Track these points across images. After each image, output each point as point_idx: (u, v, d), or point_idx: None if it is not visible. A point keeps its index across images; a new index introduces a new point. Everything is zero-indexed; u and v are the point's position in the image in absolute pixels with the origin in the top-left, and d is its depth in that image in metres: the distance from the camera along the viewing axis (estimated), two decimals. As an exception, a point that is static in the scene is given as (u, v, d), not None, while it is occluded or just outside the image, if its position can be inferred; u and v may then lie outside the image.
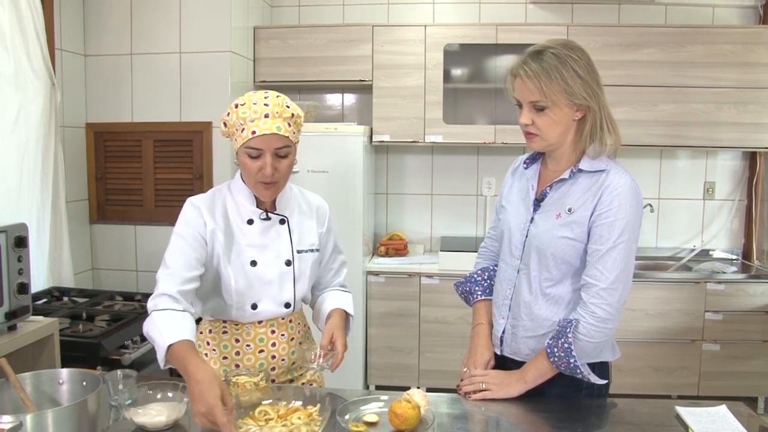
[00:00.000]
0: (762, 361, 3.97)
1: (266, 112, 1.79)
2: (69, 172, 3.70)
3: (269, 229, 1.95)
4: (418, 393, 1.68)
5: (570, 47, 1.77)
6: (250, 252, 1.92)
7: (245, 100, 1.82)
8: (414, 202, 4.68)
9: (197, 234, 1.87)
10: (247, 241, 1.92)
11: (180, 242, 1.86)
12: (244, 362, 1.96)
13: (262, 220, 1.93)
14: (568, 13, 4.43)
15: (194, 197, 1.94)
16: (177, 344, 1.64)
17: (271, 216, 1.95)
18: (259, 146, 1.79)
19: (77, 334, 2.76)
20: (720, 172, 4.52)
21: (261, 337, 1.96)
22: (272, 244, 1.94)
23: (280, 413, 1.63)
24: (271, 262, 1.94)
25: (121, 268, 4.02)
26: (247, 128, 1.78)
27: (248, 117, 1.79)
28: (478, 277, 2.12)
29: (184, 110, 3.86)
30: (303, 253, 1.99)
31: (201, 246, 1.87)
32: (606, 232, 1.74)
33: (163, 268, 1.83)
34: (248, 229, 1.93)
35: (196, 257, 1.85)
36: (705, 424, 1.66)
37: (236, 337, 1.96)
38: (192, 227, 1.88)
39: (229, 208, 1.94)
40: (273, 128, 1.78)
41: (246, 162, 1.82)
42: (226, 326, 1.97)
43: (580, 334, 1.74)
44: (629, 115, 4.03)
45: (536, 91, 1.75)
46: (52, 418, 1.40)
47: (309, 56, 4.19)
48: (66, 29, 3.71)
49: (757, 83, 4.01)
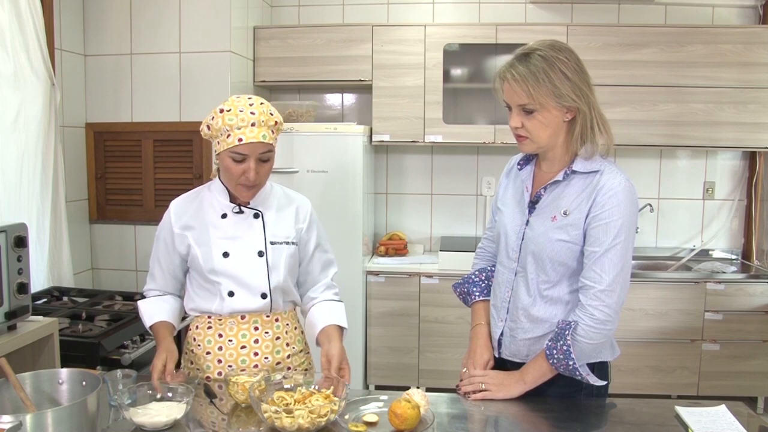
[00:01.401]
0: (762, 360, 3.97)
1: (252, 120, 1.87)
2: (69, 172, 3.70)
3: (242, 222, 2.03)
4: (418, 393, 1.68)
5: (558, 48, 1.75)
6: (223, 244, 2.00)
7: (231, 106, 1.90)
8: (414, 201, 4.68)
9: (167, 236, 2.06)
10: (219, 234, 2.01)
11: (156, 245, 2.11)
12: (226, 357, 2.01)
13: (235, 214, 2.03)
14: (567, 12, 4.43)
15: (176, 198, 2.13)
16: (153, 326, 2.04)
17: (245, 210, 2.03)
18: (245, 152, 1.88)
19: (77, 334, 2.76)
20: (720, 172, 4.52)
21: (243, 333, 2.02)
22: (244, 235, 2.02)
23: (297, 398, 1.69)
24: (243, 253, 2.01)
25: (121, 268, 4.02)
26: (233, 135, 1.87)
27: (235, 124, 1.87)
28: (476, 277, 2.12)
29: (183, 110, 3.86)
30: (277, 244, 2.04)
31: (171, 246, 2.06)
32: (602, 234, 1.74)
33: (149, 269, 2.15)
34: (221, 223, 2.02)
35: (168, 258, 2.07)
36: (705, 424, 1.66)
37: (219, 332, 2.03)
38: (163, 230, 2.09)
39: (206, 204, 2.05)
40: (259, 137, 1.88)
41: (230, 165, 1.91)
42: (211, 321, 2.04)
43: (579, 336, 1.74)
44: (629, 114, 4.03)
45: (524, 95, 1.74)
46: (51, 418, 1.40)
47: (309, 56, 4.19)
48: (66, 29, 3.71)
49: (756, 83, 4.01)
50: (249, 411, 1.75)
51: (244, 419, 1.72)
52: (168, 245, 2.06)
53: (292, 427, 1.57)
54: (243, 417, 1.73)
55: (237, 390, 1.75)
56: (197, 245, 2.01)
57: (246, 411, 1.75)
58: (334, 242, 2.38)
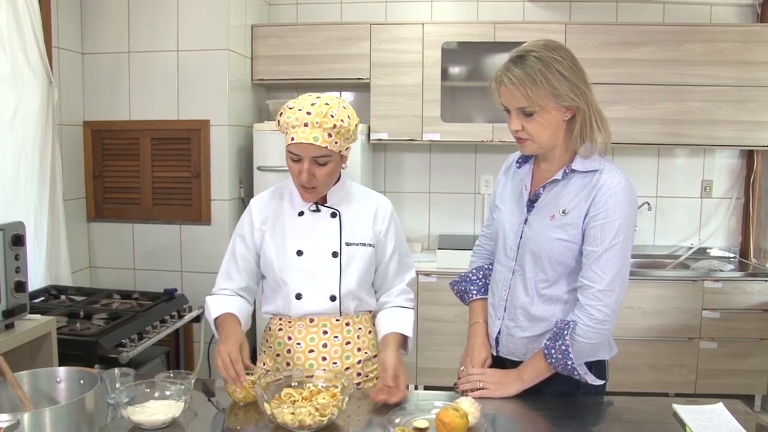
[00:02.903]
0: (759, 359, 3.98)
1: (306, 121, 1.82)
2: (66, 170, 3.70)
3: (318, 221, 2.00)
4: (466, 401, 1.65)
5: (552, 48, 1.74)
6: (297, 242, 1.97)
7: (294, 104, 1.87)
8: (412, 200, 4.68)
9: (247, 232, 2.03)
10: (295, 232, 1.99)
11: (233, 243, 2.06)
12: (294, 361, 1.97)
13: (312, 212, 2.00)
14: (566, 11, 4.43)
15: (257, 195, 2.11)
16: (218, 318, 1.93)
17: (322, 208, 2.00)
18: (297, 152, 1.85)
19: (75, 332, 2.76)
20: (718, 171, 4.52)
21: (312, 337, 1.98)
22: (320, 234, 1.98)
23: (304, 395, 1.70)
24: (317, 253, 1.97)
25: (119, 267, 4.02)
26: (289, 133, 1.85)
27: (291, 123, 1.84)
28: (473, 276, 2.11)
29: (181, 108, 3.86)
30: (353, 246, 1.99)
31: (251, 242, 2.02)
32: (601, 234, 1.74)
33: (220, 269, 2.07)
34: (298, 221, 2.00)
35: (247, 254, 2.03)
36: (702, 422, 1.67)
37: (288, 334, 1.99)
38: (242, 228, 2.05)
39: (285, 201, 2.03)
40: (310, 138, 1.82)
41: (289, 163, 1.90)
42: (281, 323, 2.01)
43: (578, 336, 1.74)
44: (627, 113, 4.03)
45: (522, 98, 1.72)
46: (49, 416, 1.40)
47: (307, 54, 4.19)
48: (63, 27, 3.71)
49: (755, 81, 4.01)
50: (247, 409, 1.75)
51: (242, 417, 1.72)
52: (247, 241, 2.02)
53: (293, 423, 1.57)
54: (241, 415, 1.73)
55: (235, 389, 1.75)
56: (272, 241, 1.99)
57: (244, 409, 1.75)
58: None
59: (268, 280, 2.03)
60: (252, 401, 1.76)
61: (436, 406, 1.68)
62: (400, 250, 2.09)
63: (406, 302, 2.08)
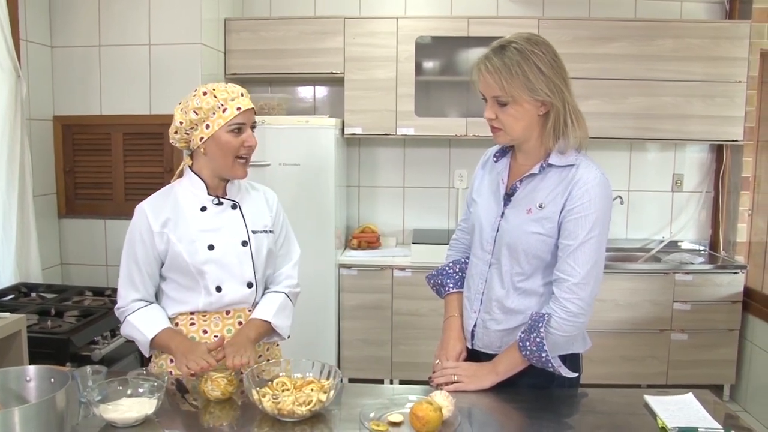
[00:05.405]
0: (727, 349, 4.05)
1: (241, 91, 1.98)
2: (36, 166, 3.64)
3: (222, 214, 2.04)
4: (440, 394, 1.65)
5: (534, 42, 1.76)
6: (206, 237, 1.99)
7: (212, 87, 1.96)
8: (386, 194, 4.68)
9: (146, 237, 1.98)
10: (201, 227, 2.00)
11: (131, 250, 2.00)
12: None
13: (215, 206, 2.03)
14: (539, 6, 4.45)
15: (143, 201, 2.03)
16: (156, 336, 1.93)
17: (223, 201, 2.04)
18: (243, 121, 1.95)
19: (46, 330, 2.72)
20: (688, 165, 4.59)
21: (228, 328, 2.03)
22: (226, 227, 2.03)
23: (296, 385, 1.73)
24: (228, 245, 2.01)
25: (91, 263, 3.97)
26: (230, 107, 1.93)
27: (228, 97, 1.94)
28: (450, 269, 2.12)
29: (153, 103, 3.82)
30: (258, 233, 2.06)
31: (151, 247, 1.98)
32: (576, 228, 1.76)
33: (121, 278, 2.01)
34: (202, 216, 2.02)
35: (148, 260, 1.99)
36: (672, 412, 1.69)
37: (203, 328, 2.01)
38: (139, 233, 1.99)
39: (182, 199, 2.02)
40: (251, 104, 1.98)
41: (228, 140, 1.94)
42: (194, 318, 2.02)
43: (552, 329, 1.76)
44: (599, 107, 4.07)
45: (497, 87, 1.75)
46: (18, 416, 1.38)
47: (280, 48, 4.17)
48: (31, 20, 3.64)
49: (724, 77, 4.07)
50: (221, 406, 1.74)
51: (217, 414, 1.71)
52: (147, 247, 1.98)
53: (273, 410, 1.61)
54: (216, 412, 1.72)
55: (212, 386, 1.74)
56: (179, 242, 1.97)
57: (219, 406, 1.74)
58: (307, 235, 2.39)
59: (180, 280, 2.00)
60: (227, 399, 1.76)
61: (410, 400, 1.68)
62: (289, 234, 2.21)
63: (285, 288, 2.14)
